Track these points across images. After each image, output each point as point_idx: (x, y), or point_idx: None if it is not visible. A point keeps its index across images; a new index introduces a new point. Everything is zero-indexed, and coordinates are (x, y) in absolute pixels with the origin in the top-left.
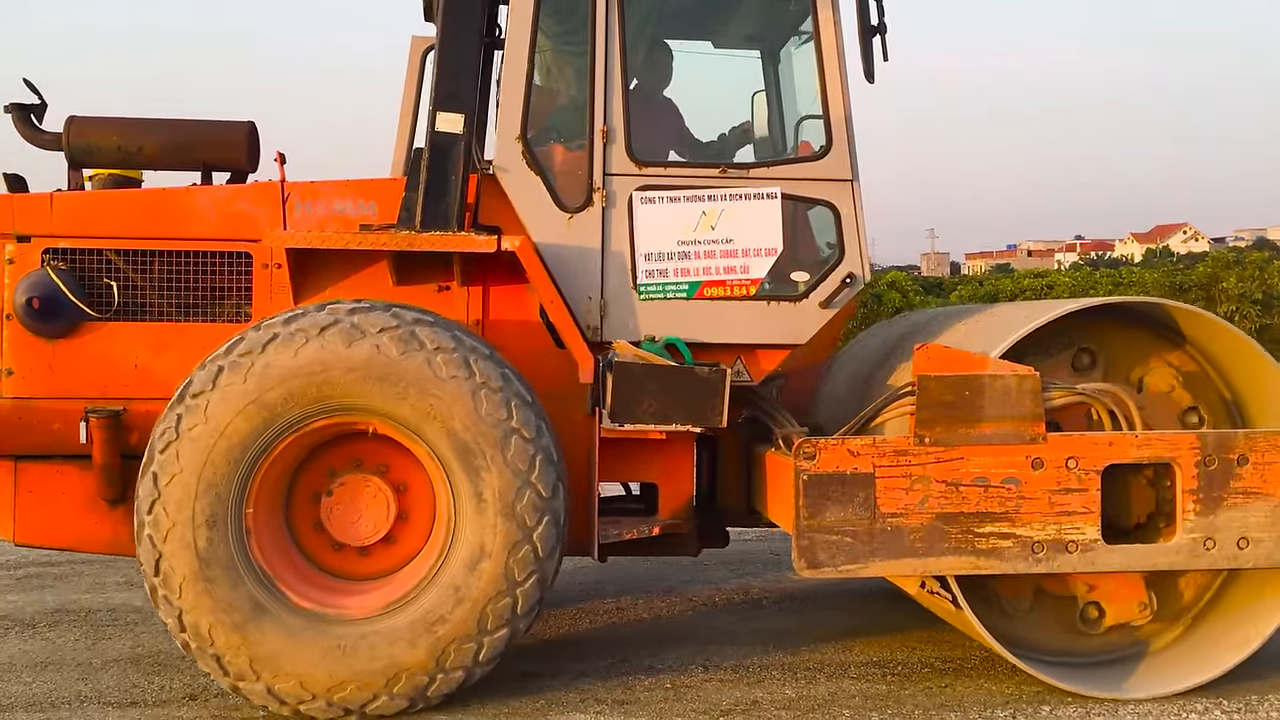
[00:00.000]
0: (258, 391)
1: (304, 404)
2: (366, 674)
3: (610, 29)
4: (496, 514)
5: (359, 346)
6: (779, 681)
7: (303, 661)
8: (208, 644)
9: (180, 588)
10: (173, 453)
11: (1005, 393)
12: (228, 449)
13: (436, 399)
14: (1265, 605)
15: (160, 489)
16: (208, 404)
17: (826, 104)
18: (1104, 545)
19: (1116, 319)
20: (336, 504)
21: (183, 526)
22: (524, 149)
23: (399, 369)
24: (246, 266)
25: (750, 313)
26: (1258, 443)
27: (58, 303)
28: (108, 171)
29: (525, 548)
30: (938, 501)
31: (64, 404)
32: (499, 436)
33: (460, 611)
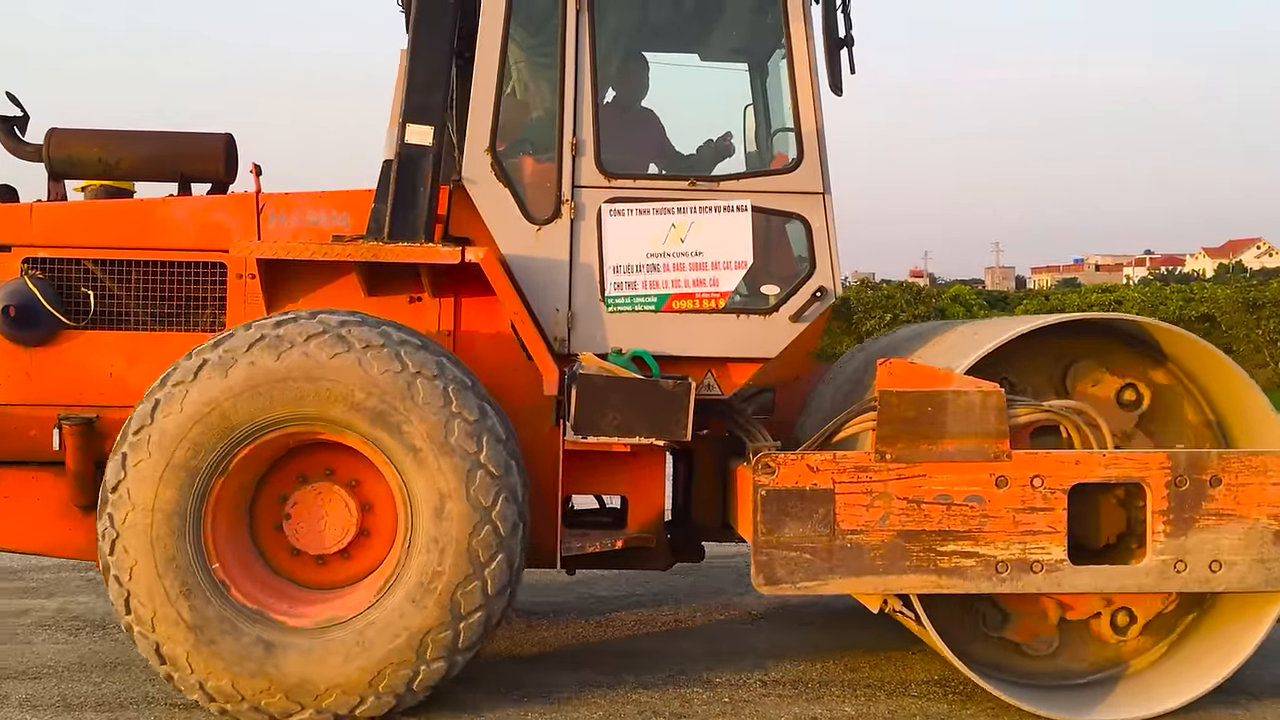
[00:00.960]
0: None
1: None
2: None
3: (580, 41)
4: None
5: (288, 356)
6: (838, 698)
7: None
8: (150, 631)
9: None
10: (123, 492)
11: (969, 409)
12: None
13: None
14: (1243, 626)
15: (118, 528)
16: (150, 438)
17: (798, 116)
18: (1070, 566)
19: (1110, 337)
20: (297, 514)
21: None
22: (493, 161)
23: (327, 372)
24: (221, 277)
25: (719, 326)
26: (1231, 463)
27: (34, 311)
28: (99, 183)
29: (485, 528)
30: (899, 519)
31: (40, 411)
32: (441, 422)
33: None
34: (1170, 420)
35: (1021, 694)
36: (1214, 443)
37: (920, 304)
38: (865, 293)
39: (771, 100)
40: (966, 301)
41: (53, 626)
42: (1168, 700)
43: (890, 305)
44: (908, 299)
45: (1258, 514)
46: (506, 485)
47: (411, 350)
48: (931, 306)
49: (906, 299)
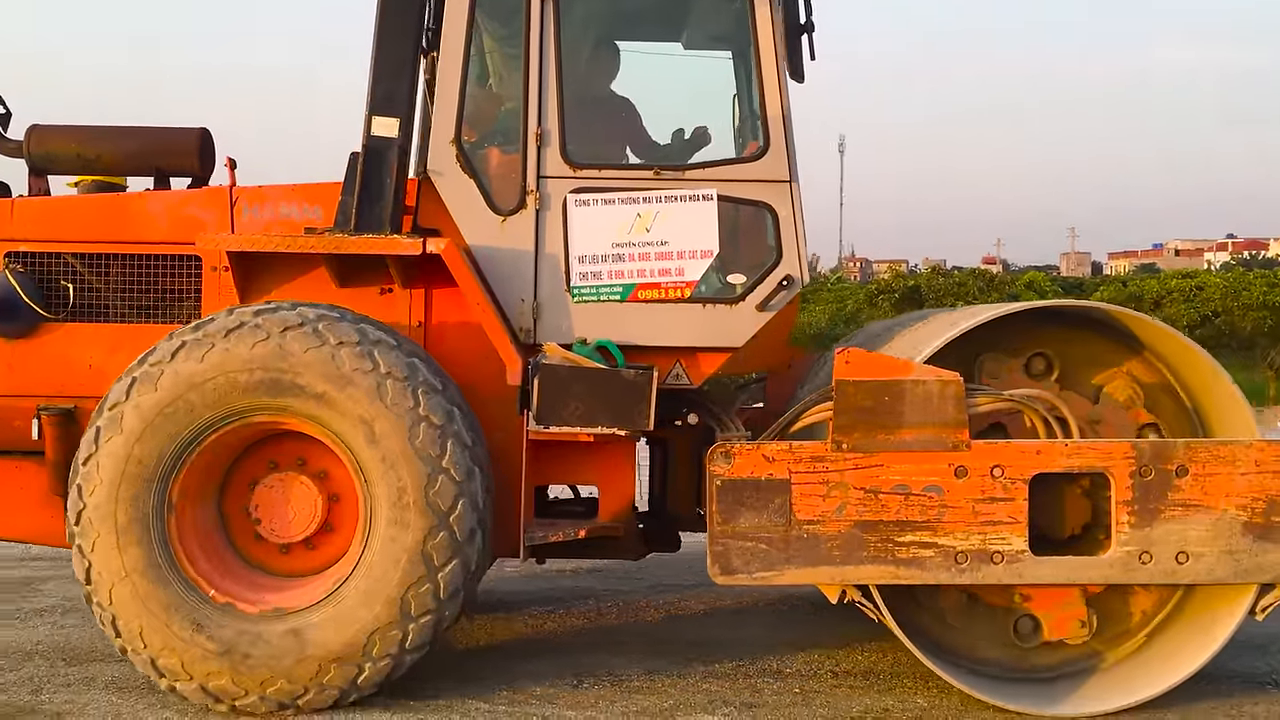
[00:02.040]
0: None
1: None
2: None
3: (545, 32)
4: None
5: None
6: (910, 690)
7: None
8: (107, 603)
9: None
10: (93, 465)
11: (927, 398)
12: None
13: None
14: (1214, 619)
15: (85, 499)
16: (161, 375)
17: (764, 104)
18: (1032, 557)
19: (1083, 326)
20: (265, 501)
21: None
22: (458, 152)
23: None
24: (197, 269)
25: (686, 315)
26: (1198, 453)
27: (14, 304)
28: (91, 178)
29: (442, 532)
30: (856, 509)
31: (22, 402)
32: (407, 425)
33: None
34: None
35: (990, 687)
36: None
37: (993, 291)
38: (936, 280)
39: (753, 88)
40: (1041, 288)
41: None
42: (1142, 690)
43: (962, 293)
44: (980, 286)
45: (1226, 504)
46: (467, 491)
47: (385, 350)
48: (1005, 294)
49: (979, 286)
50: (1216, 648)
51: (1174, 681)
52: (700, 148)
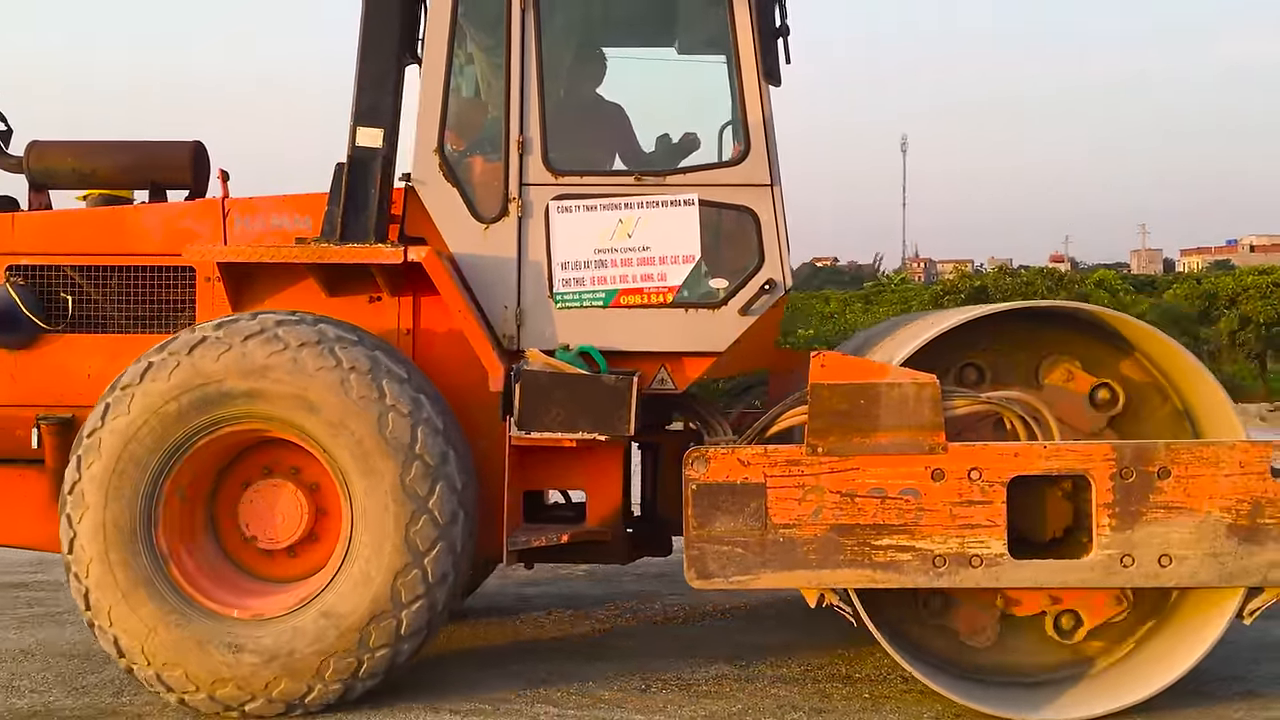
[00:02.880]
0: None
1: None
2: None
3: (526, 40)
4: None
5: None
6: None
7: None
8: (108, 625)
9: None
10: (78, 493)
11: (903, 401)
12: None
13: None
14: (1203, 622)
15: (75, 527)
16: (132, 398)
17: (744, 108)
18: (1011, 560)
19: (1088, 331)
20: (253, 509)
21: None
22: (440, 161)
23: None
24: (190, 280)
25: (668, 320)
26: (1180, 454)
27: (14, 316)
28: (99, 192)
29: (423, 518)
30: (832, 512)
31: (24, 411)
32: (375, 415)
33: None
34: (1143, 421)
35: (971, 690)
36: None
37: (1062, 290)
38: (1003, 279)
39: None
40: (1111, 287)
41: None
42: (1128, 696)
43: (1029, 292)
44: (1049, 285)
45: (1209, 507)
46: (443, 475)
47: (345, 346)
48: (1074, 293)
49: (1047, 285)
50: (1203, 652)
51: (1159, 687)
52: (690, 153)
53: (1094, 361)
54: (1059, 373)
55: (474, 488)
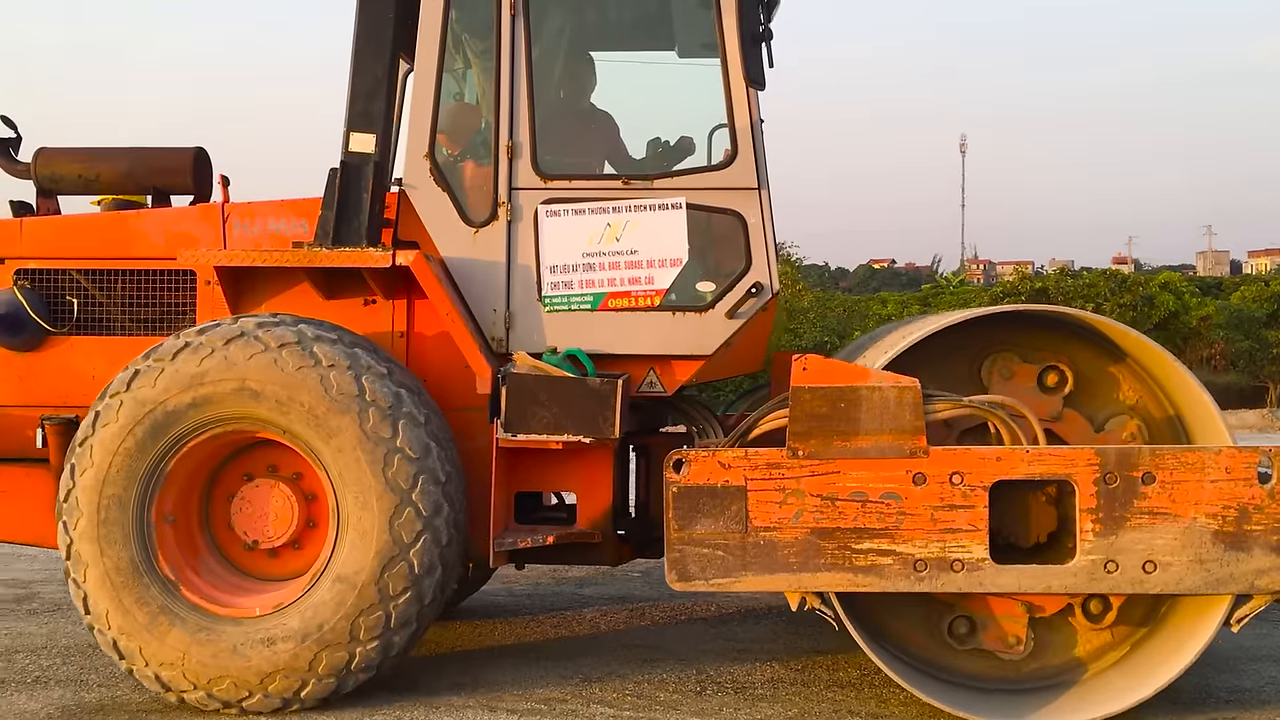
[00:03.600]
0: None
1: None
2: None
3: (516, 46)
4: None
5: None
6: None
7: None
8: (107, 628)
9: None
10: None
11: (884, 405)
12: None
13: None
14: (1192, 629)
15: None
16: (91, 449)
17: (732, 112)
18: (993, 565)
19: (1078, 335)
20: (244, 509)
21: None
22: (431, 166)
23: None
24: (191, 283)
25: (656, 323)
26: (1165, 459)
27: (20, 319)
28: (112, 197)
29: (407, 509)
30: (813, 516)
31: (32, 412)
32: (356, 411)
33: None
34: (1100, 395)
35: (949, 695)
36: (1164, 429)
37: (1125, 293)
38: (1065, 282)
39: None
40: (1177, 289)
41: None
42: (1111, 704)
43: (1092, 294)
44: (1111, 288)
45: (1195, 513)
46: (425, 467)
47: (325, 345)
48: (1138, 295)
49: (1110, 288)
50: (1189, 660)
51: (1144, 695)
52: (685, 157)
53: (1032, 351)
54: (997, 371)
55: (460, 481)
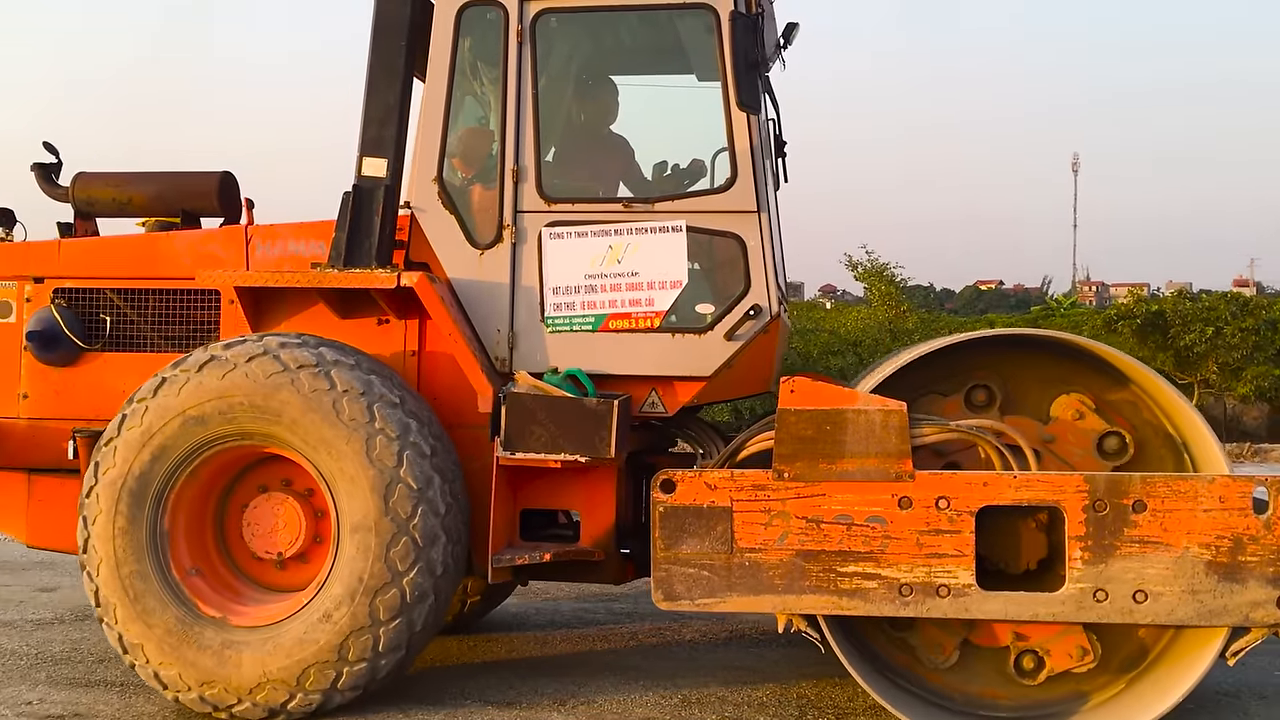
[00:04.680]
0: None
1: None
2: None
3: (522, 72)
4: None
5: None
6: None
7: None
8: (114, 622)
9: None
10: (93, 497)
11: (869, 428)
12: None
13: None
14: (1191, 661)
15: (89, 529)
16: (115, 450)
17: (731, 136)
18: (979, 591)
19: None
20: (254, 519)
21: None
22: (439, 189)
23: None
24: (216, 302)
25: (656, 345)
26: (1156, 488)
27: (56, 336)
28: (155, 220)
29: (403, 539)
30: (798, 538)
31: (69, 424)
32: (364, 438)
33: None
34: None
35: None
36: (1169, 453)
37: (1248, 316)
38: (1183, 304)
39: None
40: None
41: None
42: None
43: (1212, 318)
44: (1232, 311)
45: (1187, 542)
46: (425, 499)
47: (342, 370)
48: (1261, 319)
49: (1231, 311)
50: (1179, 696)
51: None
52: (697, 180)
53: (1105, 403)
54: (1070, 409)
55: (461, 512)
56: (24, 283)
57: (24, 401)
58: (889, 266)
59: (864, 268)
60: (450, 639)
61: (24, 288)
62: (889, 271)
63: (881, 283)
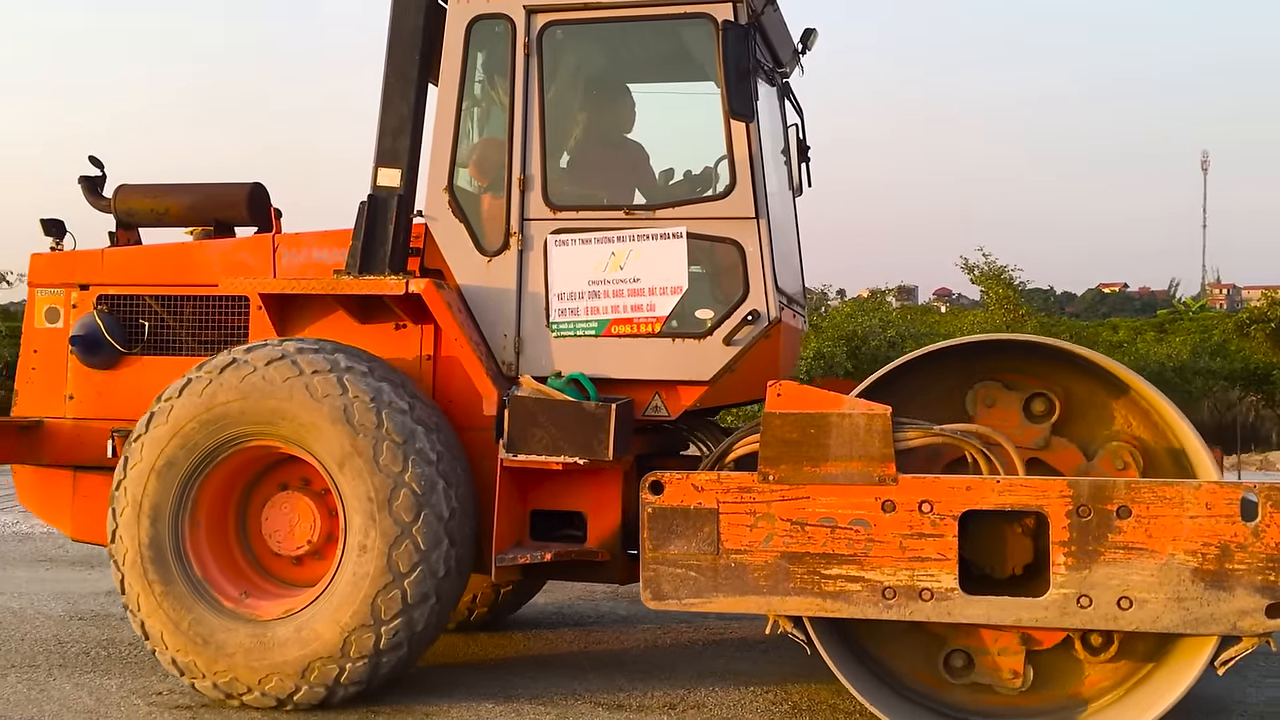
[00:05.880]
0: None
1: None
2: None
3: (529, 84)
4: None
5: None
6: None
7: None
8: (137, 610)
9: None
10: (121, 490)
11: (853, 432)
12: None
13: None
14: (1185, 666)
15: (117, 519)
16: (143, 445)
17: (731, 144)
18: (962, 595)
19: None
20: (272, 516)
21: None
22: (450, 198)
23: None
24: (246, 308)
25: (656, 349)
26: (1142, 493)
27: (98, 340)
28: (200, 229)
29: (406, 541)
30: (782, 540)
31: (110, 424)
32: (371, 443)
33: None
34: (1090, 420)
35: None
36: (1165, 459)
37: None
38: None
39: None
40: None
41: (490, 625)
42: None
43: None
44: None
45: (1173, 549)
46: (429, 504)
47: (354, 376)
48: None
49: None
50: (1166, 706)
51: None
52: (709, 187)
53: (1021, 379)
54: (983, 398)
55: (466, 516)
56: (71, 290)
57: (70, 402)
58: (1007, 269)
59: (980, 270)
60: (457, 635)
61: (71, 294)
62: (1007, 274)
63: (999, 286)
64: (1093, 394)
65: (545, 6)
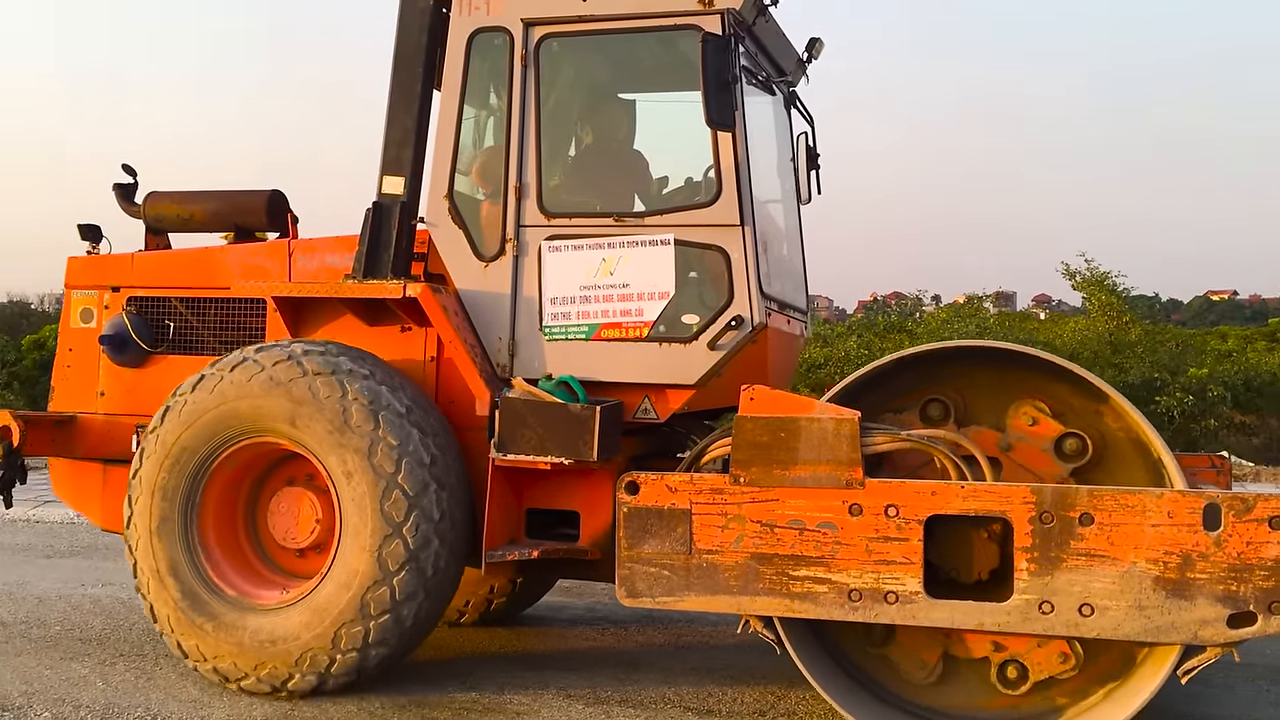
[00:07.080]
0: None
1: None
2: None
3: (526, 93)
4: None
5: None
6: None
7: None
8: (147, 593)
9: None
10: (136, 480)
11: (822, 436)
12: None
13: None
14: (1151, 675)
15: (132, 507)
16: (158, 438)
17: (717, 152)
18: (926, 598)
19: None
20: (277, 510)
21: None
22: (449, 205)
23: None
24: (263, 310)
25: (644, 353)
26: (1104, 500)
27: (126, 340)
28: (233, 234)
29: (395, 541)
30: (752, 541)
31: (137, 420)
32: (367, 444)
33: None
34: (1113, 475)
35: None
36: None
37: None
38: None
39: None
40: None
41: (584, 623)
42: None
43: None
44: None
45: (1135, 557)
46: (420, 505)
47: (354, 379)
48: None
49: None
50: (1134, 710)
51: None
52: (699, 195)
53: (1065, 409)
54: (1023, 416)
55: (459, 517)
56: (104, 291)
57: (102, 399)
58: (1110, 275)
59: (1082, 276)
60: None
61: (103, 296)
62: (1110, 280)
63: (1101, 292)
64: (1120, 449)
65: (542, 19)
